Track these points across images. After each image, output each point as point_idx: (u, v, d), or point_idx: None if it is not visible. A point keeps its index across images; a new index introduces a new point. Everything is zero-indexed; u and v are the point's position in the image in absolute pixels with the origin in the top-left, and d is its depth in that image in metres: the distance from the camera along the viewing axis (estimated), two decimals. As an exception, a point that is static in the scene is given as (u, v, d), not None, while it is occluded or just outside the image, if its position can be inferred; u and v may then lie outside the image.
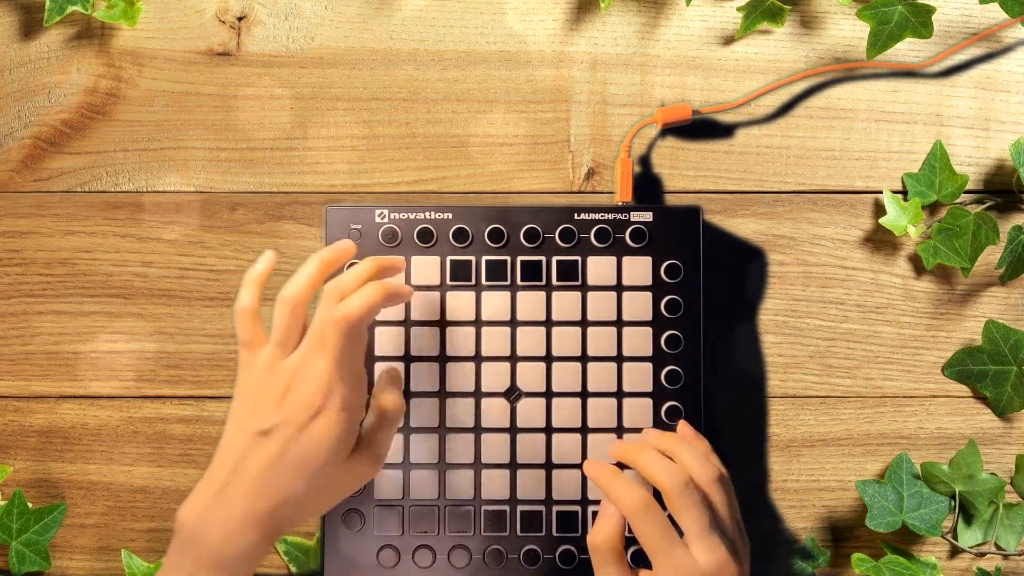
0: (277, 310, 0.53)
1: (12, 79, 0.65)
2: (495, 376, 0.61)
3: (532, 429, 0.61)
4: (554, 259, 0.61)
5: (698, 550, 0.53)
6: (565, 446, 0.61)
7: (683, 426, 0.60)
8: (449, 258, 0.61)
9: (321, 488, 0.53)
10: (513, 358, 0.61)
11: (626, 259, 0.61)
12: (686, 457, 0.56)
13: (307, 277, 0.54)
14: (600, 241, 0.61)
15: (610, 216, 0.61)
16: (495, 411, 0.61)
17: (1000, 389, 0.64)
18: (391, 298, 0.54)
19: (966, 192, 0.64)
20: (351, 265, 0.60)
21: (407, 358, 0.61)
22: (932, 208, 0.65)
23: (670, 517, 0.55)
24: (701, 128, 0.65)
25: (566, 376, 0.61)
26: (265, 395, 0.53)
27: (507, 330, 0.61)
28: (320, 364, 0.52)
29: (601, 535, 0.55)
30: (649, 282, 0.61)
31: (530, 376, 0.61)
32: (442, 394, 0.61)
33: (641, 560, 0.59)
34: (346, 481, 0.54)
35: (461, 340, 0.61)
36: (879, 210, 0.65)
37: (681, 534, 0.54)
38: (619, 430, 0.61)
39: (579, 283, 0.61)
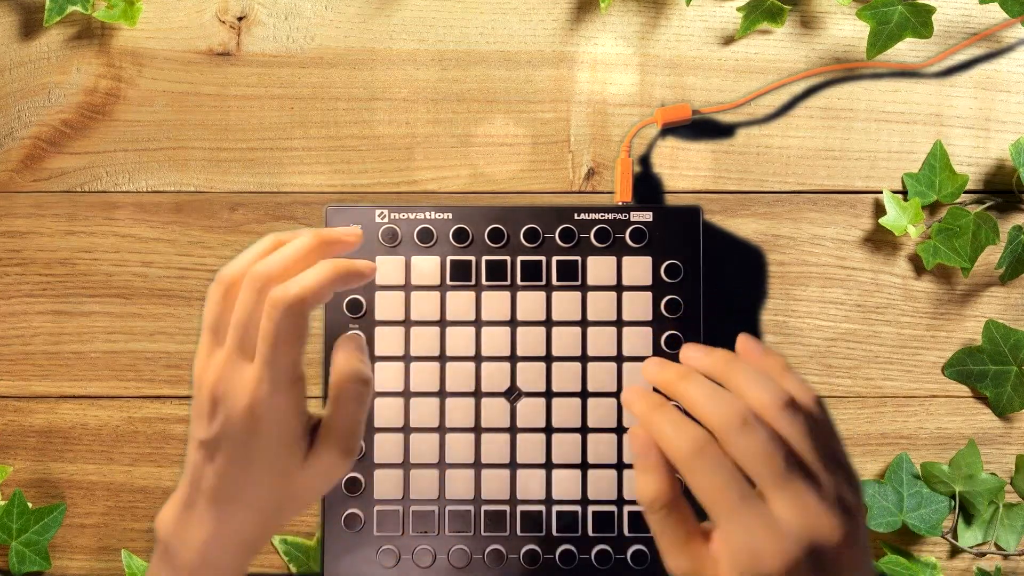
0: (210, 294, 0.45)
1: (12, 79, 0.65)
2: (495, 376, 0.61)
3: (532, 429, 0.61)
4: (554, 259, 0.61)
5: (776, 502, 0.41)
6: (565, 446, 0.61)
7: (743, 340, 0.47)
8: (449, 258, 0.61)
9: (286, 493, 0.46)
10: (513, 358, 0.61)
11: (626, 259, 0.61)
12: (741, 381, 0.43)
13: (250, 257, 0.46)
14: (600, 241, 0.61)
15: (610, 216, 0.61)
16: (495, 411, 0.61)
17: (1000, 389, 0.64)
18: (345, 278, 0.44)
19: (966, 192, 0.64)
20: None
21: (407, 358, 0.61)
22: (932, 208, 0.65)
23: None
24: (701, 128, 0.65)
25: (566, 376, 0.61)
26: (198, 399, 0.46)
27: (507, 330, 0.61)
28: (246, 365, 0.44)
29: (650, 490, 0.43)
30: (649, 282, 0.61)
31: (530, 376, 0.61)
32: (442, 394, 0.61)
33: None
34: (312, 481, 0.46)
35: (461, 340, 0.61)
36: (879, 210, 0.65)
37: (753, 486, 0.41)
38: (619, 430, 0.61)
39: (579, 283, 0.61)
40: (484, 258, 0.61)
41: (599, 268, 0.61)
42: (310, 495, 0.47)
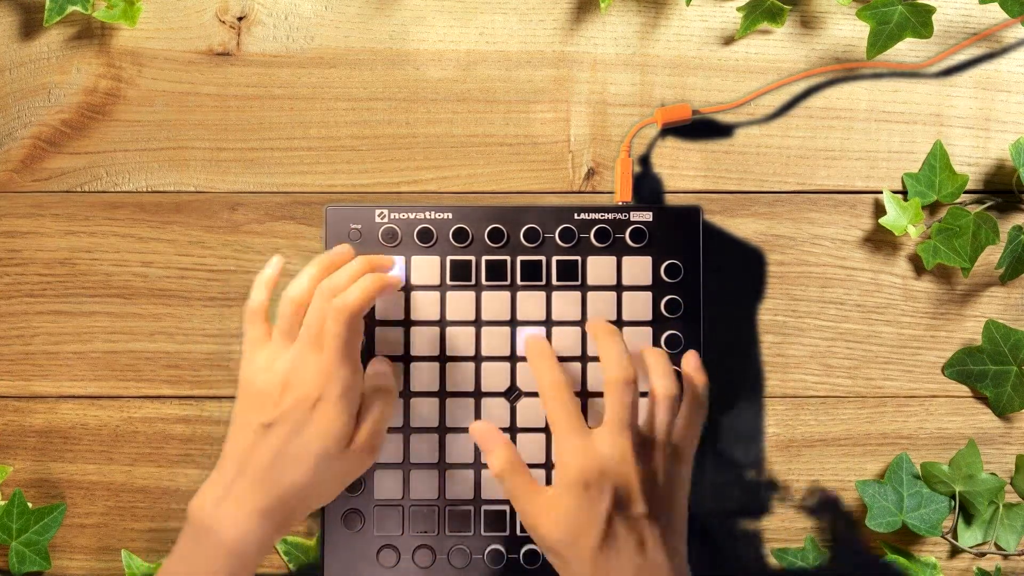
0: (282, 306, 0.57)
1: (12, 79, 0.65)
2: (495, 376, 0.61)
3: (532, 429, 0.61)
4: (554, 259, 0.61)
5: (600, 438, 0.54)
6: (565, 446, 0.61)
7: (689, 356, 0.60)
8: (449, 258, 0.61)
9: (325, 477, 0.55)
10: (513, 358, 0.61)
11: (626, 259, 0.61)
12: (653, 365, 0.57)
13: (310, 277, 0.57)
14: (600, 241, 0.61)
15: (610, 216, 0.61)
16: (495, 411, 0.61)
17: (1000, 389, 0.64)
18: (384, 289, 0.57)
19: (966, 192, 0.64)
20: None
21: (407, 358, 0.61)
22: (932, 208, 0.65)
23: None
24: (701, 128, 0.65)
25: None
26: (267, 389, 0.55)
27: (507, 330, 0.61)
28: (317, 357, 0.54)
29: (499, 461, 0.55)
30: (649, 282, 0.61)
31: (530, 376, 0.61)
32: (442, 394, 0.61)
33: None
34: (346, 469, 0.56)
35: (461, 340, 0.61)
36: (879, 210, 0.65)
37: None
38: (619, 430, 0.61)
39: (579, 283, 0.61)
40: (484, 258, 0.61)
41: (599, 268, 0.61)
42: (342, 481, 0.56)
